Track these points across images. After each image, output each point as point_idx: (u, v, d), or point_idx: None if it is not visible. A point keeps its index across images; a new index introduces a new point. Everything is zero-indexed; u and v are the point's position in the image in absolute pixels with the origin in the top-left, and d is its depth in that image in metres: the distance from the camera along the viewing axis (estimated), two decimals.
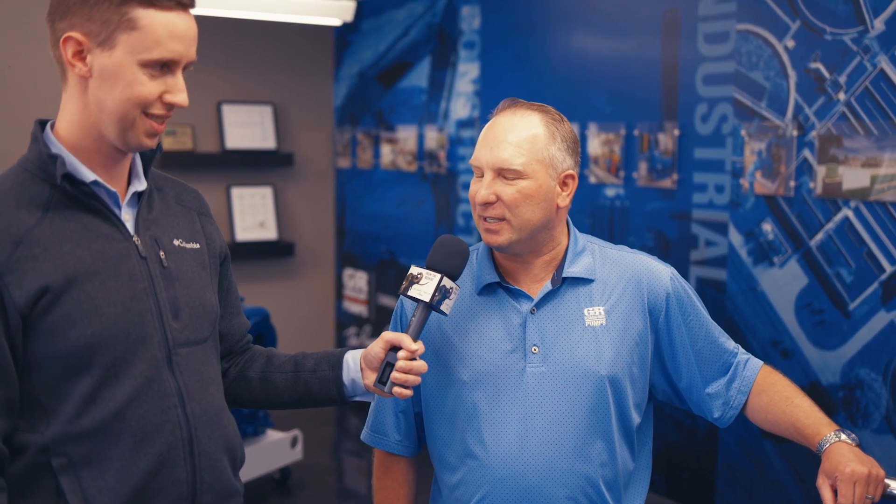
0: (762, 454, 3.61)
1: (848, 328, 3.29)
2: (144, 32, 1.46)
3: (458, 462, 1.85)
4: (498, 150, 1.78)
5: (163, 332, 1.55)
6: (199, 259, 1.66)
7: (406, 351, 1.67)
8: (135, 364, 1.51)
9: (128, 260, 1.53)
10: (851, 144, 3.21)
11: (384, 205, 6.03)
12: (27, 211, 1.47)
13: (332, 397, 1.78)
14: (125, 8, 1.45)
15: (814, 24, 3.33)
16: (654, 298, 1.88)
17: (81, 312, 1.46)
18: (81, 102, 1.50)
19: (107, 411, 1.48)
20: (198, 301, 1.63)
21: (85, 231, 1.51)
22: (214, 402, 1.65)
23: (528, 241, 1.82)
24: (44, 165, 1.51)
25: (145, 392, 1.52)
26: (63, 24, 1.48)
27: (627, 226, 4.17)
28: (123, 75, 1.46)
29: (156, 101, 1.50)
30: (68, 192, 1.51)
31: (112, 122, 1.49)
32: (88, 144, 1.52)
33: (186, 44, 1.51)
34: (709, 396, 1.90)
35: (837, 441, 1.71)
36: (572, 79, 4.45)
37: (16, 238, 1.44)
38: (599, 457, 1.81)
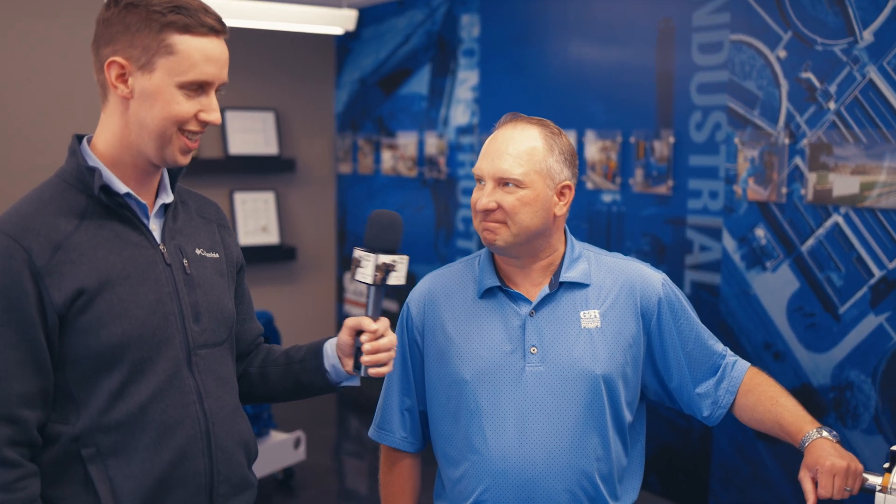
0: (755, 454, 3.69)
1: (838, 331, 3.37)
2: (181, 56, 1.56)
3: (460, 457, 1.94)
4: (499, 161, 1.87)
5: (184, 334, 1.65)
6: (219, 268, 1.77)
7: (368, 333, 1.72)
8: (158, 363, 1.61)
9: (155, 266, 1.64)
10: (841, 152, 3.29)
11: None
12: (65, 219, 1.57)
13: (319, 386, 1.85)
14: (164, 35, 1.55)
15: (805, 34, 3.41)
16: (647, 303, 1.97)
17: (113, 314, 1.56)
18: (122, 121, 1.60)
19: (132, 405, 1.58)
20: (217, 306, 1.73)
21: (117, 239, 1.61)
22: (230, 401, 1.74)
23: (524, 245, 1.91)
24: (81, 177, 1.61)
25: (167, 389, 1.62)
26: (107, 50, 1.59)
27: (624, 231, 4.25)
28: (162, 95, 1.57)
29: (191, 118, 1.60)
30: (103, 202, 1.61)
31: (151, 139, 1.59)
32: (126, 159, 1.62)
33: (219, 66, 1.62)
34: (698, 396, 1.98)
35: (819, 437, 1.80)
36: (570, 87, 4.53)
37: (55, 244, 1.54)
38: (595, 451, 1.89)
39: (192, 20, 1.57)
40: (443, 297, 2.02)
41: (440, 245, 5.55)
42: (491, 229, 1.89)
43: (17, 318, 1.51)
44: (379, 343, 1.71)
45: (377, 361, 1.71)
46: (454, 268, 2.07)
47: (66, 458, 1.57)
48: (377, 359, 1.71)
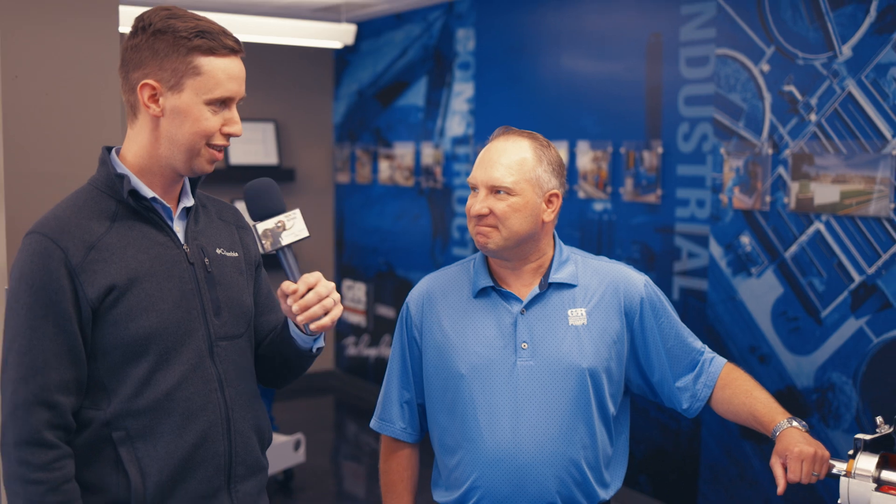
0: (742, 455, 3.80)
1: (820, 334, 3.49)
2: (207, 76, 1.71)
3: (456, 446, 2.06)
4: (491, 170, 2.01)
5: (206, 326, 1.79)
6: (238, 266, 1.90)
7: (290, 297, 1.77)
8: (183, 353, 1.75)
9: (178, 265, 1.77)
10: (822, 162, 3.42)
11: (382, 218, 6.21)
12: (98, 221, 1.72)
13: (295, 354, 1.94)
14: (190, 58, 1.70)
15: (787, 49, 3.54)
16: (630, 302, 2.10)
17: (141, 308, 1.70)
18: (153, 136, 1.75)
19: (159, 392, 1.72)
20: (236, 301, 1.86)
21: (144, 239, 1.75)
22: (248, 389, 1.88)
23: (514, 248, 2.04)
24: (111, 184, 1.76)
25: (191, 377, 1.75)
26: (137, 74, 1.73)
27: (614, 239, 4.37)
28: (191, 113, 1.72)
29: (217, 132, 1.75)
30: (131, 206, 1.75)
31: (181, 152, 1.74)
32: (153, 169, 1.77)
33: (240, 83, 1.77)
34: (678, 390, 2.11)
35: (789, 427, 1.92)
36: (562, 99, 4.65)
37: (89, 244, 1.69)
38: (581, 440, 2.02)
39: (215, 43, 1.72)
40: (440, 296, 2.15)
41: (437, 252, 5.66)
42: (483, 233, 2.02)
43: (56, 313, 1.65)
44: (305, 300, 1.75)
45: (310, 317, 1.76)
46: (451, 270, 2.20)
47: (98, 441, 1.70)
48: (308, 315, 1.75)
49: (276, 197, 1.83)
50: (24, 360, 1.64)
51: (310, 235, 1.84)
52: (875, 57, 3.25)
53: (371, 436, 5.65)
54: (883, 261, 3.27)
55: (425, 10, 5.68)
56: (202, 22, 1.73)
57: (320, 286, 1.77)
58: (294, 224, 1.80)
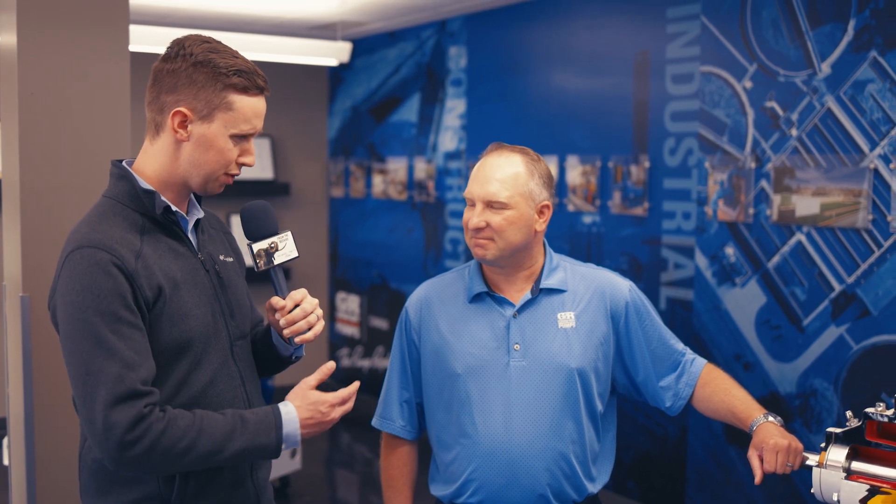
0: (727, 460, 3.90)
1: (802, 342, 3.59)
2: (238, 113, 1.83)
3: (453, 442, 2.18)
4: (487, 185, 2.13)
5: (227, 328, 1.92)
6: (236, 270, 2.04)
7: (278, 312, 1.93)
8: (212, 353, 1.87)
9: (199, 273, 1.90)
10: (803, 175, 3.53)
11: (376, 232, 6.29)
12: (132, 235, 1.81)
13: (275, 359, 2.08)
14: (225, 93, 1.81)
15: (769, 66, 3.66)
16: (616, 306, 2.22)
17: (180, 314, 1.82)
18: (174, 156, 1.85)
19: (195, 390, 1.84)
20: (241, 303, 2.00)
21: (171, 251, 1.86)
22: (259, 384, 2.04)
23: (509, 257, 2.17)
24: (136, 198, 1.85)
25: (220, 375, 1.88)
26: (169, 98, 1.82)
27: (603, 250, 4.47)
28: (217, 143, 1.83)
29: (234, 162, 1.87)
30: (156, 219, 1.85)
31: (200, 176, 1.85)
32: (172, 186, 1.88)
33: (262, 120, 1.89)
34: (661, 389, 2.23)
35: (766, 422, 2.04)
36: (552, 114, 4.76)
37: (135, 252, 1.79)
38: (570, 435, 2.14)
39: (250, 83, 1.84)
40: (437, 301, 2.27)
41: (429, 265, 5.74)
42: (481, 245, 2.15)
43: (129, 314, 1.73)
44: (291, 315, 1.91)
45: (295, 331, 1.91)
46: (447, 276, 2.32)
47: None
48: (293, 329, 1.91)
49: (271, 219, 1.96)
50: (114, 361, 1.69)
51: (299, 255, 1.98)
52: (853, 74, 3.37)
53: (364, 444, 5.73)
54: (862, 270, 3.37)
55: (418, 28, 5.77)
56: (239, 60, 1.84)
57: (305, 303, 1.93)
58: (286, 245, 1.94)
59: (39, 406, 2.79)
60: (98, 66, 2.85)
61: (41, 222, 2.77)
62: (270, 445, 1.79)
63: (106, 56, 2.86)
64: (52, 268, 1.95)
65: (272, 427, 1.79)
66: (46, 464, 2.80)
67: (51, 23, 2.78)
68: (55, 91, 2.79)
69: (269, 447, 1.79)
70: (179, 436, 1.72)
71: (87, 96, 2.84)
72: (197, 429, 1.73)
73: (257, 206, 1.96)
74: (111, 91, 2.87)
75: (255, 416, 1.79)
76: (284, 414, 1.82)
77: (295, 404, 1.84)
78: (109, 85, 2.87)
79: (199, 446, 1.73)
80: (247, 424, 1.77)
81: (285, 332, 1.91)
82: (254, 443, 1.77)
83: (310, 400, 1.85)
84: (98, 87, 2.85)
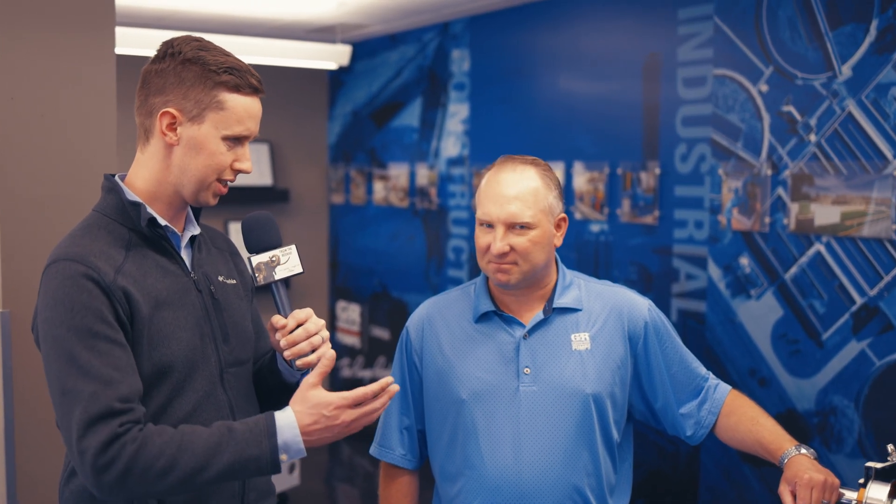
0: (742, 478, 3.76)
1: (821, 357, 3.46)
2: (229, 112, 1.72)
3: (457, 473, 2.03)
4: (507, 205, 1.98)
5: (217, 354, 1.79)
6: (237, 293, 1.91)
7: (279, 331, 1.78)
8: (196, 380, 1.74)
9: (189, 293, 1.77)
10: (822, 183, 3.40)
11: (377, 239, 6.18)
12: (115, 249, 1.70)
13: (280, 386, 1.94)
14: (216, 91, 1.71)
15: (786, 69, 3.53)
16: (634, 327, 2.07)
17: (162, 336, 1.69)
18: (164, 163, 1.74)
19: (175, 419, 1.70)
20: (241, 328, 1.87)
21: (158, 268, 1.74)
22: (255, 415, 1.84)
23: (531, 278, 2.02)
24: (123, 211, 1.74)
25: (204, 404, 1.74)
26: (157, 100, 1.72)
27: (612, 260, 4.34)
28: (208, 146, 1.72)
29: (227, 168, 1.75)
30: (144, 234, 1.74)
31: (191, 183, 1.74)
32: (162, 197, 1.76)
33: (257, 122, 1.78)
34: (682, 416, 2.08)
35: (798, 454, 1.89)
36: (558, 119, 4.64)
37: (115, 267, 1.67)
38: (585, 467, 1.98)
39: (242, 81, 1.73)
40: (440, 321, 2.11)
41: (431, 274, 5.63)
42: (504, 270, 1.99)
43: (103, 328, 1.61)
44: (293, 335, 1.75)
45: (297, 353, 1.75)
46: (451, 294, 2.17)
47: None
48: (295, 351, 1.75)
49: (272, 231, 1.83)
50: (87, 379, 1.57)
51: (304, 271, 1.84)
52: (875, 77, 3.24)
53: (365, 458, 5.60)
54: (885, 282, 3.24)
55: (420, 30, 5.67)
56: (231, 58, 1.74)
57: (310, 323, 1.77)
58: (289, 259, 1.81)
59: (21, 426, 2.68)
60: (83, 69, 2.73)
61: (22, 235, 2.65)
62: (263, 457, 1.60)
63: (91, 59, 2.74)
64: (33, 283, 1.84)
65: (263, 435, 1.60)
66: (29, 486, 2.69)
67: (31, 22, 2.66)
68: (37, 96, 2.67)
69: (262, 459, 1.60)
70: (156, 454, 1.56)
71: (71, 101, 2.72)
72: (176, 445, 1.57)
73: (258, 217, 1.84)
74: (96, 96, 2.75)
75: (245, 426, 1.62)
76: (280, 420, 1.63)
77: (295, 409, 1.66)
78: (95, 89, 2.75)
79: (181, 465, 1.56)
80: (234, 435, 1.60)
81: (286, 353, 1.76)
82: (243, 455, 1.59)
83: (311, 402, 1.65)
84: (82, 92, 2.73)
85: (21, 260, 2.64)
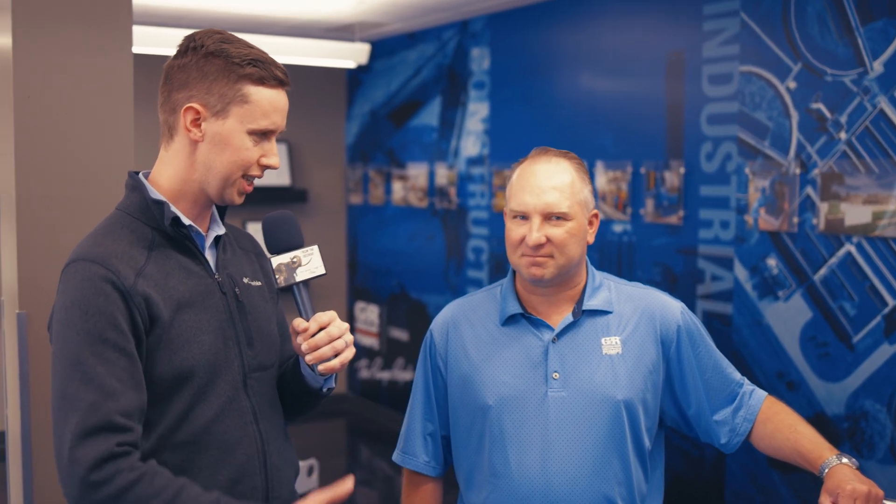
0: (769, 483, 3.68)
1: (852, 360, 3.38)
2: (254, 106, 1.67)
3: (483, 482, 1.96)
4: (544, 196, 1.91)
5: (240, 358, 1.72)
6: (263, 295, 1.84)
7: (300, 335, 1.71)
8: (219, 385, 1.68)
9: (213, 295, 1.71)
10: (853, 182, 3.32)
11: (395, 240, 6.13)
12: (138, 249, 1.65)
13: (306, 392, 1.88)
14: (240, 85, 1.65)
15: (815, 65, 3.45)
16: (666, 330, 1.99)
17: (183, 339, 1.63)
18: (188, 161, 1.68)
19: (197, 426, 1.64)
20: (266, 331, 1.80)
21: (181, 269, 1.68)
22: (279, 422, 1.82)
23: (565, 274, 1.95)
24: (147, 210, 1.69)
25: (227, 410, 1.68)
26: (181, 95, 1.67)
27: (634, 261, 4.27)
28: (233, 141, 1.66)
29: (254, 164, 1.69)
30: (167, 234, 1.68)
31: (216, 180, 1.68)
32: (187, 195, 1.70)
33: (283, 116, 1.73)
34: (716, 423, 2.00)
35: (839, 464, 1.82)
36: (580, 118, 4.57)
37: (136, 270, 1.62)
38: (616, 476, 1.91)
39: (266, 73, 1.68)
40: (465, 324, 2.05)
41: (451, 275, 5.57)
42: (539, 263, 1.92)
43: (115, 336, 1.56)
44: (315, 339, 1.69)
45: (319, 357, 1.69)
46: (476, 296, 2.11)
47: None
48: (317, 355, 1.69)
49: (293, 231, 1.77)
50: (91, 387, 1.53)
51: (326, 273, 1.77)
52: None
53: (385, 460, 5.55)
54: None
55: (439, 28, 5.62)
56: (255, 50, 1.69)
57: (332, 327, 1.70)
58: (311, 260, 1.74)
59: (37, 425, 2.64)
60: (99, 66, 2.68)
61: (38, 235, 2.61)
62: None
63: (108, 56, 2.69)
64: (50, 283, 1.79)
65: None
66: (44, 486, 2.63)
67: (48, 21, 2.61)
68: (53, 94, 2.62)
69: None
70: (151, 494, 1.52)
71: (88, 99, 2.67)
72: (172, 494, 1.53)
73: (279, 217, 1.77)
74: (114, 95, 2.70)
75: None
76: None
77: None
78: (112, 87, 2.70)
79: None
80: None
81: (307, 358, 1.70)
82: None
83: None
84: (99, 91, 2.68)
85: (38, 261, 2.59)
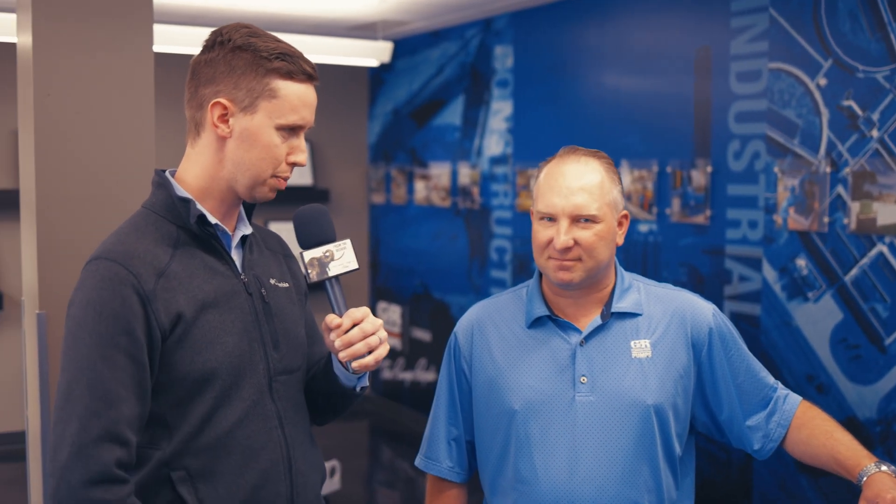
0: (797, 489, 3.62)
1: (884, 363, 3.31)
2: (283, 101, 1.63)
3: (509, 488, 1.91)
4: (573, 197, 1.87)
5: (266, 361, 1.69)
6: (290, 297, 1.81)
7: (333, 331, 1.68)
8: (244, 388, 1.64)
9: (238, 295, 1.67)
10: (885, 181, 3.25)
11: (418, 239, 6.10)
12: (162, 248, 1.62)
13: (339, 392, 1.85)
14: (268, 79, 1.62)
15: (846, 62, 3.38)
16: (698, 333, 1.94)
17: (206, 341, 1.60)
18: (216, 157, 1.66)
19: (220, 430, 1.61)
20: (292, 334, 1.76)
21: (206, 268, 1.65)
22: (305, 426, 1.78)
23: (593, 277, 1.91)
24: (172, 208, 1.66)
25: (252, 414, 1.65)
26: (208, 91, 1.64)
27: (660, 261, 4.22)
28: (262, 137, 1.63)
29: (283, 161, 1.66)
30: (193, 232, 1.66)
31: (246, 178, 1.65)
32: (214, 193, 1.67)
33: (312, 111, 1.69)
34: (749, 429, 1.95)
35: (878, 472, 1.76)
36: (604, 116, 4.52)
37: (158, 271, 1.59)
38: (646, 483, 1.86)
39: (295, 67, 1.64)
40: (491, 326, 2.01)
41: (474, 275, 5.53)
42: (567, 267, 1.87)
43: (128, 342, 1.54)
44: (349, 335, 1.66)
45: (352, 354, 1.66)
46: (502, 298, 2.06)
47: (155, 481, 1.59)
48: (351, 352, 1.66)
49: (326, 225, 1.73)
50: (95, 392, 1.51)
51: (359, 268, 1.73)
52: None
53: (407, 462, 5.52)
54: None
55: (462, 27, 5.58)
56: (282, 44, 1.66)
57: (366, 323, 1.67)
58: (343, 255, 1.71)
59: None
60: (120, 65, 2.65)
61: (58, 235, 2.59)
62: None
63: (128, 55, 2.67)
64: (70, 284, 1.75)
65: None
66: None
67: (68, 19, 2.59)
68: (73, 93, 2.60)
69: None
70: None
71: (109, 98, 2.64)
72: None
73: (312, 210, 1.73)
74: (135, 93, 2.68)
75: None
76: None
77: None
78: (133, 86, 2.67)
79: None
80: None
81: (341, 355, 1.67)
82: None
83: None
84: (120, 89, 2.66)
85: (57, 261, 2.57)
